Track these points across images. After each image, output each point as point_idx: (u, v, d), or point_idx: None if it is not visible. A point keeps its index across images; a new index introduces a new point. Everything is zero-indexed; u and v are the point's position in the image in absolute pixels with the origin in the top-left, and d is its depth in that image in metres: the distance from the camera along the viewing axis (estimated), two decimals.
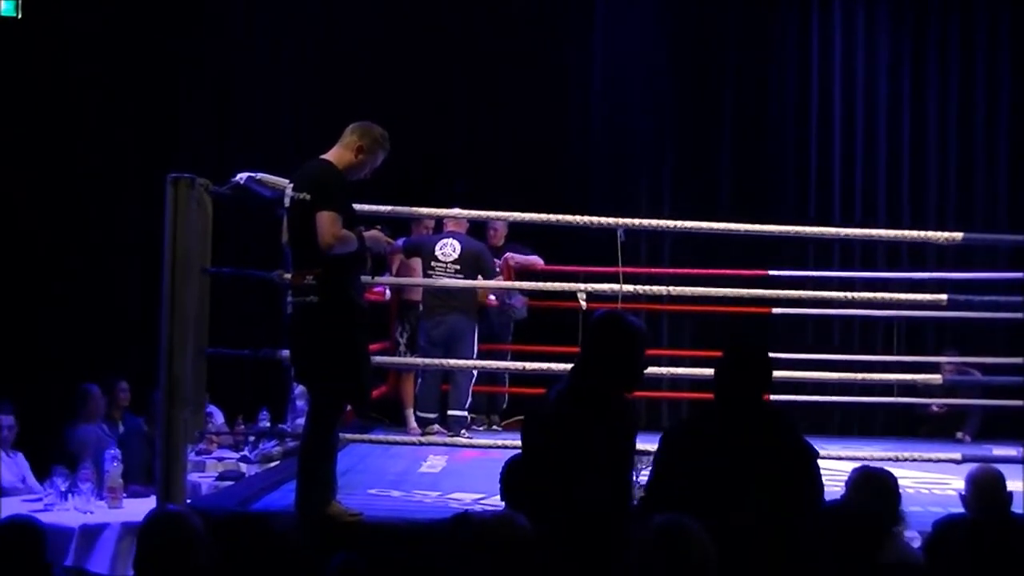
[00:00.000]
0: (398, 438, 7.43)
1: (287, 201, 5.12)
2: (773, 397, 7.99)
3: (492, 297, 8.63)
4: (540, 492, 3.76)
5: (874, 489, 3.97)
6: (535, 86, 10.45)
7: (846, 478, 4.15)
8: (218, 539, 3.64)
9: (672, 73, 10.65)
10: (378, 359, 6.61)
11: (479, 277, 8.02)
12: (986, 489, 4.28)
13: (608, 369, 3.91)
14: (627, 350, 3.93)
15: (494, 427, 9.08)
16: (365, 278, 5.38)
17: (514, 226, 8.94)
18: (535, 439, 3.93)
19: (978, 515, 4.25)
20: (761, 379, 3.93)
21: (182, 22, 9.92)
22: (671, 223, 6.71)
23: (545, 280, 7.97)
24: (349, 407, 6.26)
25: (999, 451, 7.57)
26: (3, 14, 9.09)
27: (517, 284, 8.24)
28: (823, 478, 3.85)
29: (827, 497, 3.83)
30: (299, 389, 7.13)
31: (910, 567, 3.83)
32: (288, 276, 5.25)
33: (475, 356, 8.15)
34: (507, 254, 8.90)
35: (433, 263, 8.10)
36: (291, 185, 5.14)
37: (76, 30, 9.47)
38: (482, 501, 5.77)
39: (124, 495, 6.14)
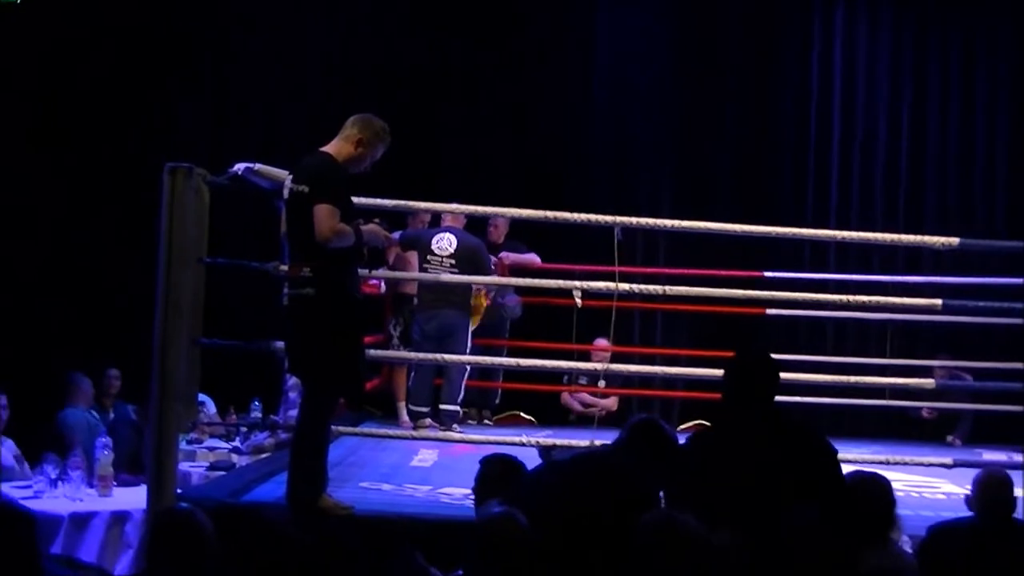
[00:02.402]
0: (390, 431, 7.43)
1: (286, 193, 5.11)
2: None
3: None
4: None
5: (868, 494, 3.98)
6: (536, 85, 10.42)
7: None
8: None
9: (673, 74, 10.62)
10: (372, 352, 6.60)
11: (475, 273, 8.01)
12: (989, 491, 4.28)
13: None
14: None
15: (485, 422, 9.08)
16: (362, 271, 5.37)
17: (512, 223, 8.94)
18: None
19: (980, 517, 4.25)
20: (768, 384, 4.11)
21: (180, 8, 9.89)
22: (668, 222, 6.72)
23: (541, 277, 7.97)
24: (342, 399, 6.26)
25: (989, 455, 7.58)
26: (3, 0, 9.09)
27: (513, 281, 8.22)
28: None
29: None
30: (292, 381, 7.12)
31: (904, 572, 3.84)
32: (285, 268, 5.25)
33: (468, 351, 8.14)
34: (502, 253, 8.89)
35: (429, 257, 8.09)
36: (290, 177, 5.14)
37: (73, 16, 9.44)
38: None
39: (114, 483, 6.13)
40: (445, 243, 8.10)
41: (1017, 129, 10.48)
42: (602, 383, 8.46)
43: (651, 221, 6.96)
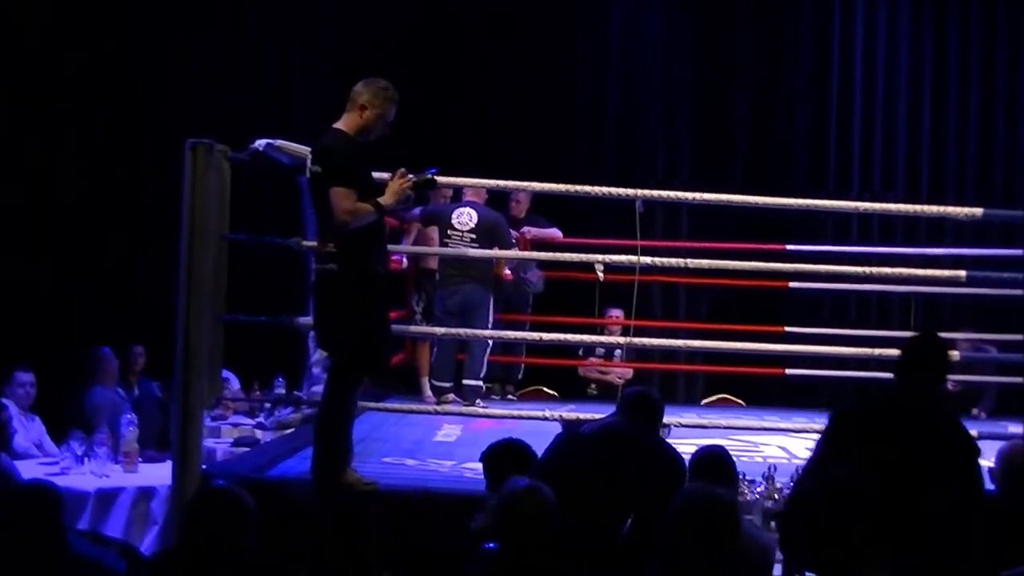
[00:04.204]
0: (413, 407, 7.44)
1: (308, 173, 5.11)
2: (789, 371, 8.07)
3: (507, 272, 8.60)
4: None
5: None
6: (550, 57, 10.35)
7: None
8: None
9: (689, 44, 10.53)
10: (394, 327, 6.60)
11: (495, 247, 8.00)
12: (1014, 465, 4.26)
13: None
14: None
15: (508, 396, 9.09)
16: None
17: (533, 198, 8.92)
18: None
19: (1004, 491, 4.24)
20: (940, 372, 4.12)
21: None
22: (689, 195, 6.69)
23: (563, 251, 7.96)
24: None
25: (1014, 428, 7.53)
26: None
27: (535, 255, 8.21)
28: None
29: None
30: (316, 356, 7.14)
31: None
32: (308, 243, 5.26)
33: (490, 326, 8.14)
34: (524, 228, 8.87)
35: (450, 232, 8.08)
36: (310, 156, 5.14)
37: None
38: None
39: (139, 459, 6.17)
40: (466, 218, 8.09)
41: None
42: (618, 353, 8.53)
43: (672, 194, 6.94)
